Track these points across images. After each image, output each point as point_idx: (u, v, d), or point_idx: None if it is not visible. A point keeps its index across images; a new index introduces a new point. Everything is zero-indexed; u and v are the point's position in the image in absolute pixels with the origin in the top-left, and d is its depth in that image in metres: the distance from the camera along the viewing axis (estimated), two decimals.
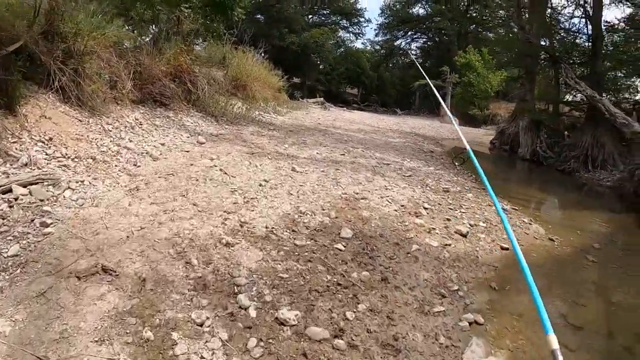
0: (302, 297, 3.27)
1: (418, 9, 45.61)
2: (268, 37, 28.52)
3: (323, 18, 44.53)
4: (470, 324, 3.37)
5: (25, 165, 4.53)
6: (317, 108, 23.12)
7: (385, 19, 46.18)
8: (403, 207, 5.88)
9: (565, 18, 16.82)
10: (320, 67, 40.07)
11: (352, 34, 46.68)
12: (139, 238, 3.76)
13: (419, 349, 2.92)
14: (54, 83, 5.93)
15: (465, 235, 5.22)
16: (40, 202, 4.04)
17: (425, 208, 6.00)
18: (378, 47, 49.17)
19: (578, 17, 16.18)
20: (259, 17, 34.38)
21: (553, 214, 7.83)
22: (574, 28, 16.58)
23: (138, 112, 7.49)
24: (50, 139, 5.21)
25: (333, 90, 39.75)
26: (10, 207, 3.79)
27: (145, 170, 5.56)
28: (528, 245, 5.51)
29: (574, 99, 16.40)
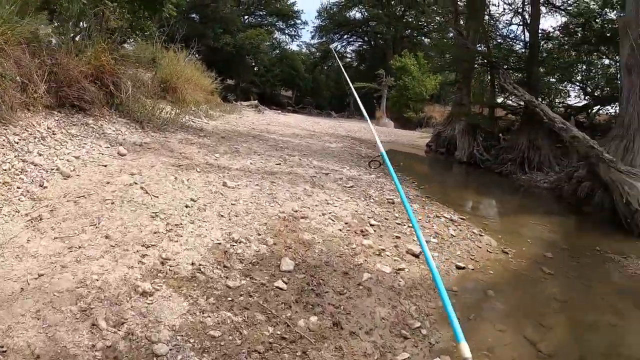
0: None
1: (355, 13, 46.64)
2: (202, 37, 27.74)
3: (259, 19, 44.30)
4: None
5: None
6: (251, 111, 22.62)
7: (322, 22, 46.84)
8: (348, 225, 5.40)
9: (504, 25, 17.74)
10: (255, 69, 39.69)
11: (288, 36, 46.97)
12: (36, 291, 2.93)
13: None
14: None
15: (418, 256, 4.83)
16: None
17: (372, 225, 5.56)
18: (314, 49, 49.83)
19: (516, 24, 17.08)
20: (194, 16, 33.32)
21: (500, 222, 7.75)
22: (512, 35, 17.54)
23: (52, 119, 6.40)
24: None
25: (267, 93, 39.50)
26: None
27: (53, 192, 4.61)
28: (484, 261, 5.24)
29: (509, 103, 17.08)
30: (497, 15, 18.09)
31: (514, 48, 17.29)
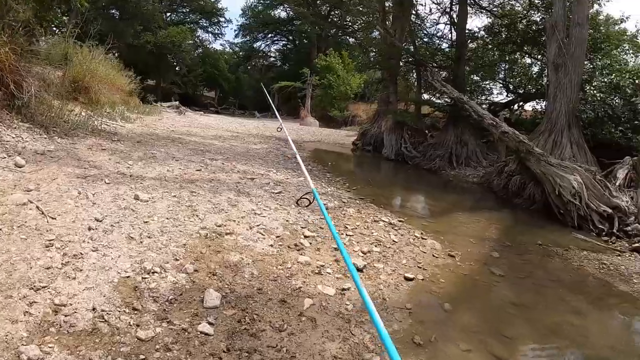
0: None
1: (280, 12, 46.24)
2: (122, 34, 26.20)
3: (182, 16, 42.55)
4: None
5: None
6: (171, 113, 21.74)
7: (246, 20, 46.01)
8: (280, 239, 4.78)
9: (432, 23, 18.41)
10: (177, 68, 38.07)
11: (211, 35, 45.70)
12: None
13: None
14: None
15: (362, 270, 4.32)
16: None
17: (307, 236, 4.99)
18: (237, 48, 48.96)
19: (444, 23, 17.68)
20: (114, 12, 30.95)
21: (439, 221, 7.50)
22: (439, 34, 18.13)
23: None
24: None
25: (190, 93, 38.41)
26: None
27: None
28: (432, 269, 4.86)
29: (435, 100, 17.59)
30: (424, 15, 18.93)
31: (442, 47, 18.08)
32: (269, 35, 47.61)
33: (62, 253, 3.50)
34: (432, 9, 18.01)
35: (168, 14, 40.23)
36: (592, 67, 12.31)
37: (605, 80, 10.59)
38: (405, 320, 3.57)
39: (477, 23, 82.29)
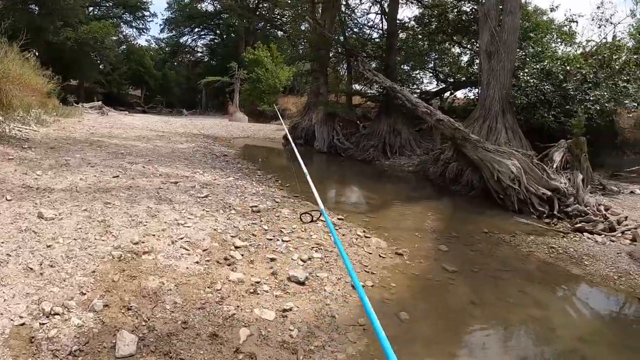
0: None
1: (207, 5, 44.46)
2: (41, 30, 24.10)
3: (105, 10, 39.64)
4: None
5: None
6: (93, 114, 20.73)
7: (172, 14, 43.72)
8: (207, 253, 4.09)
9: (362, 13, 18.35)
10: (101, 67, 35.58)
11: (135, 30, 42.99)
12: None
13: None
14: None
15: (304, 283, 3.75)
16: None
17: (238, 247, 4.34)
18: (163, 44, 46.70)
19: (375, 13, 17.62)
20: (32, 7, 27.97)
21: (379, 215, 7.10)
22: (370, 24, 18.06)
23: None
24: None
25: (114, 93, 36.18)
26: None
27: None
28: (381, 271, 4.40)
29: (367, 90, 17.41)
30: (354, 5, 18.70)
31: (372, 37, 17.94)
32: (196, 30, 46.05)
33: None
34: None
35: (90, 8, 37.51)
36: (524, 54, 12.54)
37: (538, 67, 10.75)
38: (361, 340, 3.05)
39: (407, 13, 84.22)
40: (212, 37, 47.62)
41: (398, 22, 16.09)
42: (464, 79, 17.25)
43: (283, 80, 30.11)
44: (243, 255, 4.13)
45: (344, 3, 17.78)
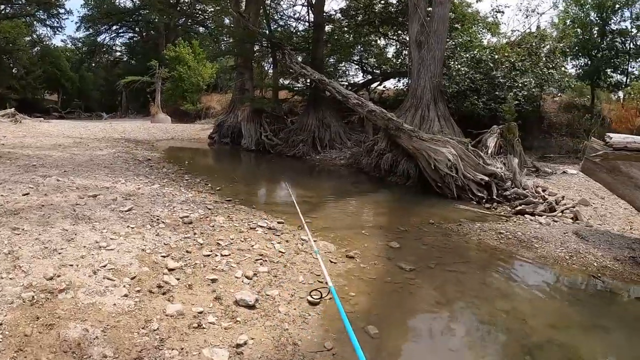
0: None
1: (125, 1, 41.10)
2: None
3: (18, 8, 35.40)
4: None
5: None
6: (5, 122, 19.10)
7: (89, 11, 39.67)
8: (137, 281, 3.40)
9: (288, 5, 17.89)
10: (14, 70, 32.29)
11: (50, 29, 38.68)
12: None
13: None
14: None
15: (254, 306, 3.21)
16: None
17: (172, 269, 3.67)
18: (80, 44, 42.66)
19: (301, 5, 17.17)
20: None
21: (321, 214, 6.63)
22: (296, 16, 17.62)
23: None
24: None
25: (29, 98, 33.04)
26: None
27: None
28: (335, 277, 3.95)
29: (294, 84, 17.04)
30: None
31: (299, 29, 17.52)
32: (114, 28, 42.29)
33: None
34: None
35: (1, 7, 33.71)
36: (453, 43, 12.63)
37: (468, 56, 10.82)
38: None
39: (334, 5, 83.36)
40: (131, 35, 44.33)
41: (325, 14, 15.73)
42: (391, 70, 17.28)
43: (206, 78, 28.73)
44: (179, 280, 3.49)
45: None
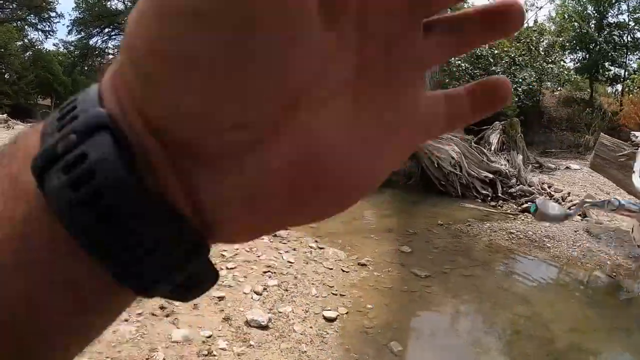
0: None
1: (116, 3, 40.44)
2: None
3: (9, 13, 35.37)
4: None
5: None
6: None
7: (80, 14, 39.36)
8: (136, 302, 2.98)
9: None
10: (6, 76, 31.82)
11: (41, 32, 38.43)
12: None
13: None
14: None
15: (267, 326, 2.92)
16: None
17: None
18: (72, 47, 42.06)
19: None
20: None
21: (327, 220, 6.21)
22: None
23: None
24: None
25: (23, 104, 32.37)
26: None
27: None
28: (349, 291, 3.69)
29: None
30: None
31: None
32: (106, 30, 41.58)
33: None
34: None
35: None
36: None
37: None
38: None
39: None
40: (123, 37, 44.93)
41: None
42: None
43: None
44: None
45: None
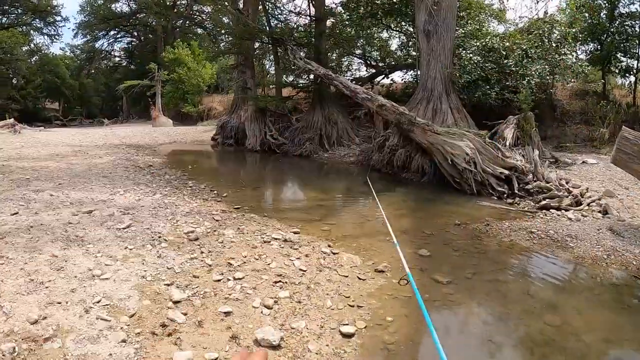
0: None
1: (122, 5, 40.45)
2: None
3: (14, 18, 35.27)
4: None
5: None
6: (5, 133, 18.95)
7: (85, 17, 39.37)
8: (137, 320, 2.82)
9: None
10: (14, 81, 31.99)
11: (47, 37, 38.49)
12: None
13: None
14: None
15: (279, 345, 2.65)
16: None
17: (177, 301, 3.09)
18: (78, 50, 42.49)
19: None
20: None
21: (338, 221, 6.02)
22: (297, 10, 16.69)
23: None
24: None
25: (30, 108, 32.71)
26: None
27: None
28: (367, 302, 3.41)
29: (298, 81, 16.44)
30: None
31: (300, 24, 16.56)
32: (111, 33, 42.10)
33: None
34: None
35: None
36: (463, 32, 11.90)
37: (478, 44, 10.11)
38: None
39: None
40: (129, 39, 44.05)
41: (326, 7, 14.90)
42: (396, 63, 16.62)
43: (207, 79, 27.99)
44: (186, 315, 2.91)
45: None
